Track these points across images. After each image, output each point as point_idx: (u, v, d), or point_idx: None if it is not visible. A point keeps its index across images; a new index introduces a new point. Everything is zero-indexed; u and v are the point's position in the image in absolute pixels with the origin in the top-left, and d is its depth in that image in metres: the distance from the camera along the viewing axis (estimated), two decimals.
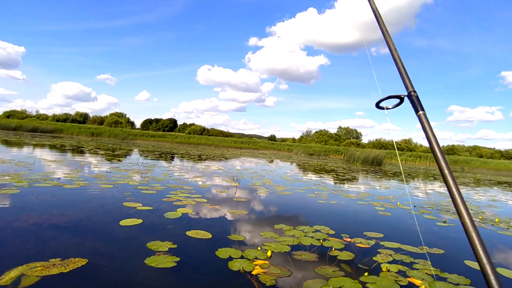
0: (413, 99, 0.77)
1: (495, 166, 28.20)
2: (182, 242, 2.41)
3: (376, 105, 0.86)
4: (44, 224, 2.60)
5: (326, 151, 28.29)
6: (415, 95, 0.77)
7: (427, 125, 0.72)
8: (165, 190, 4.54)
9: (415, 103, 0.76)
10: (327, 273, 2.07)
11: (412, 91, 0.77)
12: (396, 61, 0.84)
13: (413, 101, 0.77)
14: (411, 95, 0.77)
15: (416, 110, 0.75)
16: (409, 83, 0.79)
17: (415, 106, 0.76)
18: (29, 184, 4.11)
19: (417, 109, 0.75)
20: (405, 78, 0.81)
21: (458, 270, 2.31)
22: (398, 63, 0.84)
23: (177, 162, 10.16)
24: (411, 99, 0.77)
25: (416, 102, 0.76)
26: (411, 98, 0.77)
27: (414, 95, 0.77)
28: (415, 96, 0.77)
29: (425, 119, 0.73)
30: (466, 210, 0.63)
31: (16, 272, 1.71)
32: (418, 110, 0.75)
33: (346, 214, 4.21)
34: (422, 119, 0.74)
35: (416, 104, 0.76)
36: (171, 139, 30.75)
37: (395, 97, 0.82)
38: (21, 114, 50.99)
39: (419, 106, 0.75)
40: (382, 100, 0.84)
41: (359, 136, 55.06)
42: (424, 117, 0.74)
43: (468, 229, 0.61)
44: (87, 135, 26.78)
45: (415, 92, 0.77)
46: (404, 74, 0.82)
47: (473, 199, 6.65)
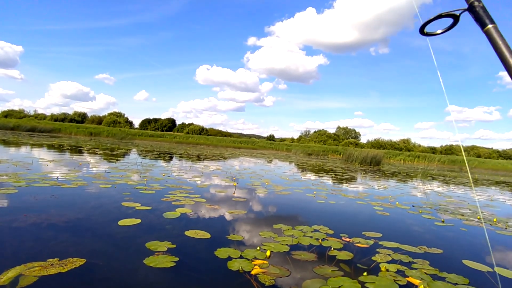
0: (477, 11, 0.60)
1: (493, 166, 28.31)
2: (181, 242, 2.41)
3: (420, 30, 0.68)
4: (42, 224, 2.58)
5: (324, 151, 28.32)
6: (480, 5, 0.60)
7: (501, 41, 0.56)
8: (163, 190, 4.53)
9: (481, 16, 0.59)
10: (326, 273, 2.07)
11: (475, 0, 0.60)
12: None
13: (478, 15, 0.60)
14: (475, 7, 0.60)
15: (483, 25, 0.59)
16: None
17: (482, 20, 0.59)
18: (27, 184, 4.09)
19: (484, 23, 0.59)
20: None
21: (457, 270, 2.32)
22: None
23: (176, 162, 10.15)
24: (475, 12, 0.60)
25: (483, 14, 0.59)
26: (475, 10, 0.60)
27: (479, 5, 0.60)
28: (481, 6, 0.60)
29: (497, 33, 0.57)
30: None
31: (14, 272, 1.70)
32: (487, 24, 0.58)
33: (345, 214, 4.22)
34: (493, 35, 0.58)
35: (483, 16, 0.59)
36: (169, 139, 30.71)
37: (448, 16, 0.64)
38: (19, 113, 50.81)
39: (487, 18, 0.59)
40: (429, 22, 0.66)
41: (357, 136, 55.17)
42: (496, 31, 0.58)
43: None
44: (86, 135, 26.71)
45: (480, 2, 0.60)
46: None
47: (471, 199, 6.67)
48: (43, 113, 56.83)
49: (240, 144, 32.73)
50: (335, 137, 51.07)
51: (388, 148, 43.37)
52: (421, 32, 0.68)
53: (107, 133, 27.65)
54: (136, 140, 27.73)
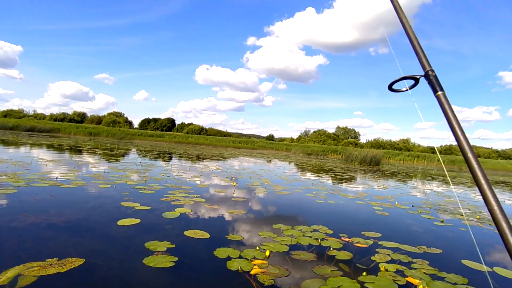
0: (431, 78, 0.70)
1: (492, 166, 28.33)
2: (180, 242, 2.41)
3: (389, 87, 0.80)
4: (41, 224, 2.58)
5: (324, 151, 28.32)
6: (433, 74, 0.71)
7: (447, 107, 0.66)
8: (163, 190, 4.53)
9: (433, 83, 0.70)
10: (325, 272, 2.07)
11: (429, 70, 0.71)
12: (410, 38, 0.78)
13: (431, 81, 0.70)
14: (429, 75, 0.71)
15: (435, 91, 0.69)
16: (426, 62, 0.73)
17: (434, 86, 0.70)
18: (26, 184, 4.09)
19: (435, 90, 0.69)
20: (422, 56, 0.74)
21: (456, 270, 2.32)
22: (413, 40, 0.77)
23: (175, 162, 10.15)
24: (429, 79, 0.71)
25: (435, 81, 0.70)
26: (429, 78, 0.71)
27: (432, 74, 0.71)
28: (433, 75, 0.70)
29: (445, 99, 0.67)
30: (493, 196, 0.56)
31: (13, 272, 1.70)
32: (437, 91, 0.69)
33: (344, 213, 4.22)
34: (442, 100, 0.67)
35: (435, 84, 0.70)
36: (169, 139, 30.69)
37: (410, 78, 0.76)
38: (19, 113, 50.73)
39: (438, 86, 0.69)
40: (396, 82, 0.78)
41: (357, 136, 55.15)
42: (444, 97, 0.67)
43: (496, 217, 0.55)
44: (85, 135, 26.69)
45: (433, 72, 0.71)
46: (420, 53, 0.75)
47: (470, 199, 6.68)
48: (43, 113, 56.77)
49: (239, 144, 32.73)
50: (334, 137, 51.07)
51: (387, 148, 43.39)
52: (390, 89, 0.80)
53: (107, 133, 27.63)
54: (135, 140, 27.72)
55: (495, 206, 0.55)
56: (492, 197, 0.56)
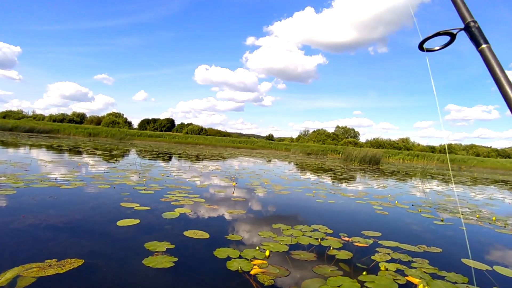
0: (473, 31, 0.63)
1: (492, 164, 28.37)
2: (180, 242, 2.40)
3: (419, 46, 0.72)
4: (40, 225, 2.57)
5: (324, 150, 28.32)
6: (475, 25, 0.63)
7: (494, 61, 0.60)
8: (162, 190, 4.52)
9: (475, 35, 0.63)
10: (325, 272, 2.07)
11: (471, 21, 0.64)
12: None
13: (473, 34, 0.63)
14: (470, 27, 0.64)
15: (478, 44, 0.62)
16: (467, 13, 0.65)
17: (477, 39, 0.62)
18: (25, 184, 4.08)
19: (479, 43, 0.62)
20: (461, 6, 0.66)
21: (456, 269, 2.32)
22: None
23: (175, 162, 10.14)
24: (470, 31, 0.63)
25: (478, 34, 0.62)
26: (471, 30, 0.63)
27: (474, 25, 0.63)
28: (476, 27, 0.63)
29: (490, 53, 0.61)
30: None
31: (12, 273, 1.69)
32: (481, 44, 0.62)
33: (344, 213, 4.22)
34: (487, 54, 0.61)
35: (478, 36, 0.62)
36: (168, 139, 30.67)
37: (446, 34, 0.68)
38: (18, 114, 50.68)
39: (482, 38, 0.62)
40: (428, 39, 0.70)
41: (356, 135, 55.18)
42: (489, 51, 0.61)
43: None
44: (84, 136, 26.66)
45: (475, 23, 0.63)
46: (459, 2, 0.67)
47: (470, 198, 6.68)
48: (42, 114, 56.71)
49: (239, 144, 32.71)
50: (334, 137, 51.09)
51: (387, 147, 43.41)
52: (420, 48, 0.72)
53: (106, 134, 27.59)
54: (135, 140, 27.69)
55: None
56: None
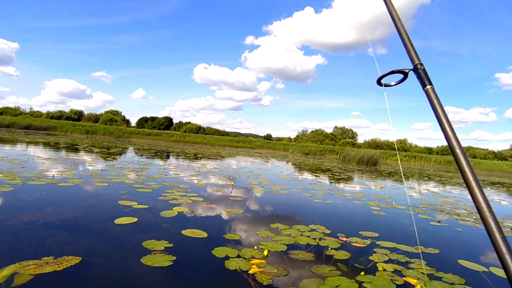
0: (419, 72, 0.69)
1: (489, 167, 28.52)
2: (178, 241, 2.40)
3: (377, 81, 0.79)
4: (37, 223, 2.56)
5: (321, 150, 28.36)
6: (422, 68, 0.69)
7: (436, 101, 0.65)
8: (160, 188, 4.51)
9: (422, 77, 0.69)
10: (323, 272, 2.07)
11: (418, 63, 0.70)
12: (400, 31, 0.76)
13: (419, 75, 0.69)
14: (418, 68, 0.70)
15: (424, 85, 0.68)
16: (415, 56, 0.72)
17: (422, 80, 0.68)
18: (22, 182, 4.05)
19: (424, 84, 0.68)
20: (411, 50, 0.73)
21: (453, 270, 2.33)
22: (403, 33, 0.76)
23: (173, 161, 10.12)
24: (418, 72, 0.70)
25: (423, 75, 0.69)
26: (418, 71, 0.70)
27: (421, 68, 0.69)
28: (422, 69, 0.69)
29: (433, 94, 0.66)
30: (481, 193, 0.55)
31: (8, 270, 1.68)
32: (426, 85, 0.67)
33: (342, 213, 4.22)
34: (431, 94, 0.66)
35: (423, 78, 0.68)
36: (166, 138, 30.59)
37: (398, 72, 0.75)
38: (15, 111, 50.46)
39: (427, 80, 0.68)
40: (384, 76, 0.77)
41: (354, 136, 55.33)
42: (433, 91, 0.66)
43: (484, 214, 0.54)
44: (82, 133, 26.54)
45: (422, 65, 0.70)
46: (409, 46, 0.73)
47: (467, 200, 6.71)
48: (39, 111, 56.53)
49: (237, 143, 32.68)
50: (332, 137, 51.20)
51: (384, 148, 43.53)
52: (378, 83, 0.79)
53: (104, 131, 27.48)
54: (133, 138, 27.60)
55: (483, 204, 0.54)
56: (480, 194, 0.55)
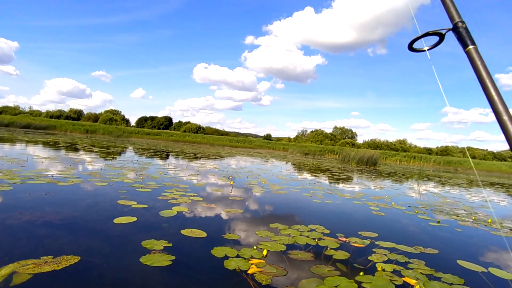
0: (460, 31, 0.63)
1: (488, 167, 28.55)
2: (177, 241, 2.40)
3: (408, 46, 0.72)
4: (36, 222, 2.56)
5: (321, 150, 28.37)
6: (463, 26, 0.63)
7: (480, 63, 0.60)
8: (160, 188, 4.51)
9: (463, 36, 0.63)
10: (322, 272, 2.07)
11: (459, 21, 0.64)
12: None
13: (460, 35, 0.63)
14: (458, 27, 0.64)
15: (465, 45, 0.62)
16: (456, 13, 0.65)
17: (464, 40, 0.62)
18: (22, 181, 4.05)
19: (466, 44, 0.62)
20: (450, 6, 0.66)
21: (452, 270, 2.33)
22: None
23: (172, 160, 10.11)
24: (458, 32, 0.64)
25: (465, 35, 0.62)
26: (458, 31, 0.64)
27: (462, 26, 0.63)
28: (464, 27, 0.63)
29: (477, 55, 0.61)
30: None
31: (7, 269, 1.68)
32: (468, 45, 0.62)
33: (341, 213, 4.22)
34: (473, 55, 0.61)
35: (465, 37, 0.62)
36: (166, 137, 30.57)
37: (434, 34, 0.68)
38: (14, 110, 50.39)
39: (469, 39, 0.62)
40: (417, 39, 0.70)
41: (354, 136, 55.39)
42: (476, 52, 0.61)
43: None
44: (81, 132, 26.51)
45: (463, 23, 0.64)
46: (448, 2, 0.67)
47: (466, 200, 6.72)
48: (38, 110, 56.47)
49: (237, 143, 32.68)
50: (331, 137, 51.24)
51: (384, 148, 43.58)
52: (410, 48, 0.72)
53: (103, 131, 27.44)
54: (132, 138, 27.57)
55: None
56: None
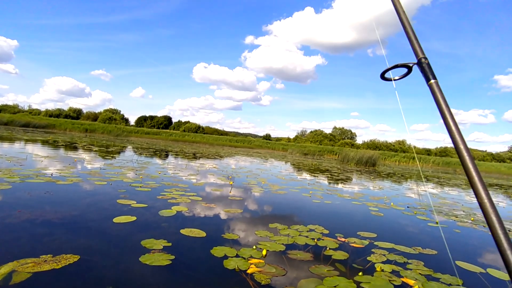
0: (423, 66, 0.68)
1: (486, 168, 28.59)
2: (176, 240, 2.40)
3: (381, 75, 0.78)
4: (36, 221, 2.56)
5: (320, 151, 28.38)
6: (426, 62, 0.69)
7: (440, 96, 0.64)
8: (159, 187, 4.51)
9: (426, 71, 0.68)
10: (322, 272, 2.08)
11: (422, 57, 0.69)
12: (404, 24, 0.74)
13: (423, 69, 0.68)
14: (422, 62, 0.69)
15: (427, 79, 0.67)
16: (420, 49, 0.70)
17: (426, 74, 0.67)
18: (21, 179, 4.05)
19: (428, 78, 0.67)
20: (415, 43, 0.71)
21: (450, 271, 2.34)
22: (407, 26, 0.74)
23: (172, 160, 10.11)
24: (422, 67, 0.69)
25: (427, 70, 0.68)
26: (422, 65, 0.69)
27: (425, 62, 0.69)
28: (426, 63, 0.68)
29: (437, 88, 0.65)
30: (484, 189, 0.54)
31: (6, 268, 1.68)
32: (430, 79, 0.67)
33: (340, 214, 4.23)
34: (435, 89, 0.65)
35: (427, 72, 0.67)
36: (165, 137, 30.55)
37: (402, 66, 0.74)
38: (13, 108, 50.27)
39: (431, 74, 0.67)
40: (388, 70, 0.76)
41: (353, 137, 55.39)
42: (437, 86, 0.65)
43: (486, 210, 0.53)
44: (81, 131, 26.48)
45: (426, 59, 0.69)
46: (413, 39, 0.72)
47: (465, 201, 6.74)
48: (38, 109, 56.34)
49: (236, 143, 32.67)
50: (331, 137, 51.26)
51: (383, 149, 43.62)
52: (382, 77, 0.79)
53: (103, 130, 27.41)
54: (131, 137, 27.54)
55: (485, 199, 0.54)
56: (483, 190, 0.54)
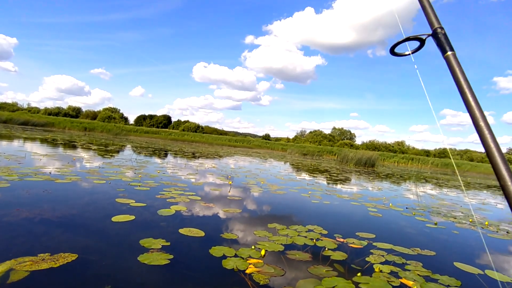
0: (439, 37, 0.63)
1: (485, 170, 28.62)
2: (175, 240, 2.40)
3: (390, 50, 0.73)
4: (34, 219, 2.55)
5: (320, 151, 28.39)
6: (442, 32, 0.63)
7: (458, 69, 0.60)
8: (158, 187, 4.50)
9: (442, 42, 0.63)
10: (320, 273, 2.08)
11: (438, 27, 0.64)
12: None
13: (439, 41, 0.63)
14: (437, 33, 0.64)
15: (444, 51, 0.62)
16: (435, 19, 0.65)
17: (443, 46, 0.62)
18: (19, 178, 4.03)
19: (445, 50, 0.62)
20: (430, 13, 0.66)
21: (449, 272, 2.34)
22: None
23: (171, 159, 10.10)
24: (437, 38, 0.63)
25: (444, 40, 0.62)
26: (437, 36, 0.63)
27: (441, 32, 0.63)
28: (443, 33, 0.63)
29: (455, 61, 0.61)
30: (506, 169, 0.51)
31: (4, 266, 1.67)
32: (447, 51, 0.62)
33: (339, 214, 4.23)
34: (452, 62, 0.61)
35: (444, 43, 0.62)
36: (165, 136, 30.53)
37: (415, 39, 0.69)
38: (12, 106, 50.14)
39: (447, 45, 0.62)
40: (398, 44, 0.70)
41: (352, 137, 55.43)
42: (454, 58, 0.61)
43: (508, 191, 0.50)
44: (80, 130, 26.43)
45: (442, 29, 0.64)
46: (428, 9, 0.66)
47: (463, 202, 6.74)
48: (37, 107, 56.23)
49: (235, 142, 32.66)
50: (330, 138, 51.29)
51: (382, 150, 43.66)
52: (392, 52, 0.73)
53: (102, 129, 27.36)
54: (131, 136, 27.51)
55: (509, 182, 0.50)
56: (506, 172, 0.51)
